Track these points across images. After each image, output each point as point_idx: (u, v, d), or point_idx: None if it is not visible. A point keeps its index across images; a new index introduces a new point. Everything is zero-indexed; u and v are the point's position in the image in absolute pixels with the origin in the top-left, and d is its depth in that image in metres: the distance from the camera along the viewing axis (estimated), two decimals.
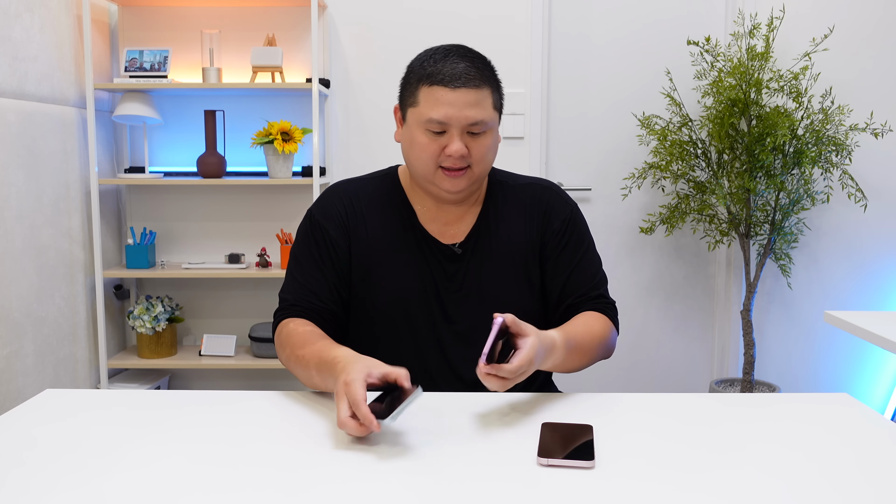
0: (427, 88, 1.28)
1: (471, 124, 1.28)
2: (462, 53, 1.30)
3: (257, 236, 3.19)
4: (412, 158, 1.34)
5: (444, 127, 1.28)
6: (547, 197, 1.43)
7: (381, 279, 1.37)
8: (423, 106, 1.28)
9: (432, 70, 1.28)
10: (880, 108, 3.12)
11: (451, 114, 1.26)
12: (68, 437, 1.03)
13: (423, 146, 1.30)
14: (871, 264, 3.20)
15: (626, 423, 1.12)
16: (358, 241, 1.38)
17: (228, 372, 3.26)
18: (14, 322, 2.41)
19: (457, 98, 1.26)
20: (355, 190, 1.42)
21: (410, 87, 1.31)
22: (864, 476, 0.94)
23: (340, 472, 0.93)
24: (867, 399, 3.26)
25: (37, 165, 2.54)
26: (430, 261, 1.38)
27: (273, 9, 3.09)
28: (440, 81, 1.26)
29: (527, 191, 1.44)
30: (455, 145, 1.27)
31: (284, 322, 1.33)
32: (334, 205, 1.40)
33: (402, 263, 1.37)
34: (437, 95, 1.27)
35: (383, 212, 1.40)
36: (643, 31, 3.20)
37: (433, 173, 1.32)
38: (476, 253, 1.39)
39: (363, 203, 1.40)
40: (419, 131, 1.30)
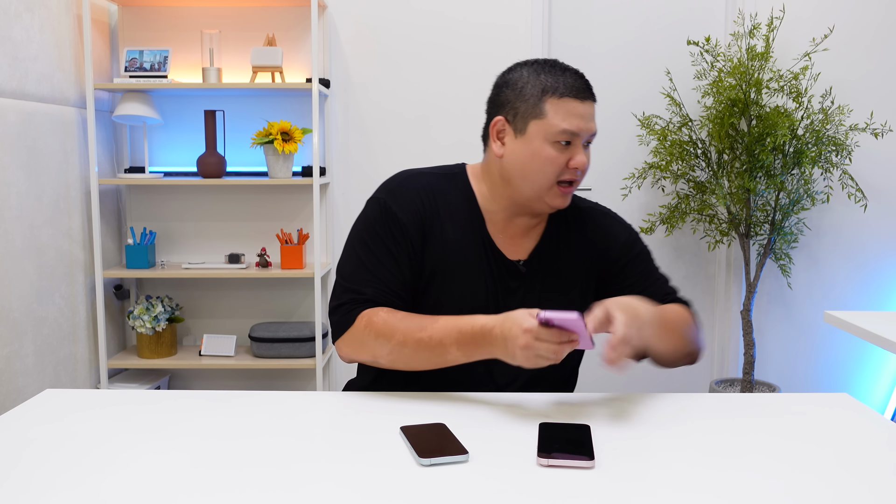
0: (556, 100, 1.27)
1: (592, 135, 1.30)
2: (568, 67, 1.32)
3: (257, 236, 3.19)
4: (531, 172, 1.30)
5: (572, 138, 1.27)
6: (605, 223, 1.45)
7: (447, 286, 1.34)
8: (552, 117, 1.27)
9: (556, 83, 1.28)
10: (880, 108, 3.12)
11: (581, 125, 1.27)
12: (68, 437, 1.03)
13: (551, 159, 1.28)
14: (871, 264, 3.20)
15: (626, 423, 1.12)
16: (433, 241, 1.34)
17: (228, 372, 3.26)
18: (14, 322, 2.41)
19: (585, 110, 1.28)
20: (430, 186, 1.37)
21: (530, 98, 1.29)
22: (864, 476, 0.94)
23: (340, 471, 0.93)
24: (867, 399, 3.26)
25: (37, 165, 2.54)
26: (495, 274, 1.36)
27: (273, 9, 3.09)
28: (570, 93, 1.27)
29: (586, 215, 1.45)
30: (581, 157, 1.28)
31: (370, 312, 1.29)
32: (412, 199, 1.35)
33: (469, 273, 1.35)
34: (568, 107, 1.27)
35: (458, 214, 1.37)
36: (643, 31, 3.20)
37: (549, 189, 1.30)
38: (538, 272, 1.38)
39: (440, 202, 1.36)
40: (545, 144, 1.28)
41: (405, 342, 1.24)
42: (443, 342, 1.21)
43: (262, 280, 3.18)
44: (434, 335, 1.22)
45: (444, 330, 1.22)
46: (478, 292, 1.35)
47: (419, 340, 1.23)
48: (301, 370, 3.22)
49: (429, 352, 1.23)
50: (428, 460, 0.95)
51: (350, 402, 1.21)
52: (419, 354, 1.24)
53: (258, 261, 3.00)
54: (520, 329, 1.11)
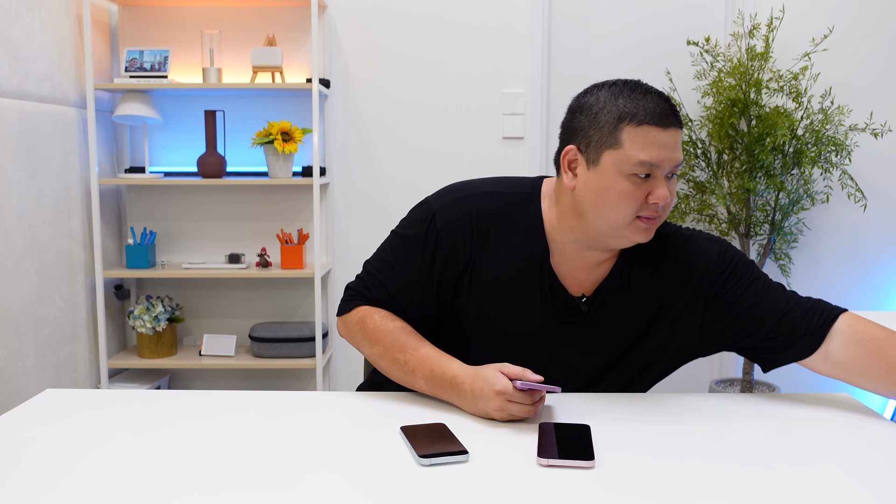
0: (634, 128, 1.14)
1: (675, 166, 1.17)
2: (651, 89, 1.18)
3: (257, 236, 3.19)
4: (606, 208, 1.18)
5: (652, 170, 1.15)
6: (690, 248, 1.30)
7: (495, 311, 1.28)
8: (629, 147, 1.14)
9: (635, 108, 1.15)
10: (880, 108, 3.12)
11: (663, 156, 1.14)
12: (68, 437, 1.04)
13: (628, 193, 1.15)
14: (871, 264, 3.21)
15: (626, 423, 1.12)
16: (480, 267, 1.27)
17: (228, 372, 3.26)
18: (14, 322, 2.41)
19: (668, 139, 1.15)
20: (490, 210, 1.27)
21: (605, 126, 1.16)
22: (864, 476, 0.94)
23: (340, 471, 0.93)
24: (867, 399, 3.26)
25: (37, 165, 2.54)
26: (551, 310, 1.27)
27: (273, 9, 3.09)
28: (650, 121, 1.14)
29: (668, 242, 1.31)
30: (662, 190, 1.15)
31: (367, 311, 1.29)
32: (462, 222, 1.27)
33: (523, 304, 1.27)
34: (648, 136, 1.14)
35: (515, 240, 1.27)
36: (643, 31, 3.20)
37: (628, 224, 1.18)
38: (603, 310, 1.28)
39: (495, 226, 1.27)
40: (620, 177, 1.15)
41: (384, 355, 1.26)
42: (415, 372, 1.22)
43: (262, 280, 3.18)
44: (409, 362, 1.23)
45: (419, 362, 1.22)
46: (527, 327, 1.28)
47: (396, 360, 1.24)
48: (301, 370, 3.22)
49: (401, 374, 1.25)
50: (428, 460, 0.95)
51: (350, 401, 1.21)
52: (392, 371, 1.26)
53: (258, 261, 3.00)
54: (492, 391, 1.11)
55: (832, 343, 1.21)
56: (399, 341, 1.25)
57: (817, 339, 1.22)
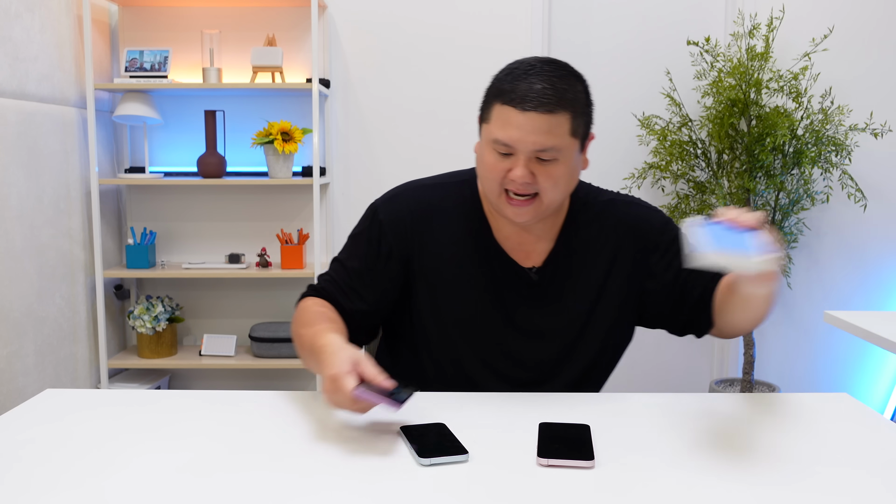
0: (499, 107, 1.20)
1: (538, 150, 1.18)
2: (546, 72, 1.20)
3: (257, 236, 3.19)
4: (481, 175, 1.27)
5: (510, 150, 1.19)
6: (633, 212, 1.35)
7: (448, 296, 1.31)
8: (493, 124, 1.21)
9: (508, 87, 1.19)
10: (880, 108, 3.12)
11: (518, 137, 1.17)
12: (68, 437, 1.04)
13: (490, 166, 1.22)
14: (871, 264, 3.21)
15: (626, 423, 1.12)
16: (424, 255, 1.31)
17: (228, 372, 3.26)
18: (14, 322, 2.41)
19: (525, 121, 1.17)
20: (429, 198, 1.34)
21: (487, 100, 1.24)
22: (864, 476, 0.94)
23: (341, 471, 0.93)
24: (867, 399, 3.26)
25: (37, 165, 2.54)
26: (504, 283, 1.31)
27: (273, 9, 3.09)
28: (511, 101, 1.18)
29: (610, 208, 1.35)
30: (518, 170, 1.19)
31: (305, 300, 1.33)
32: (401, 212, 1.33)
33: (473, 283, 1.30)
34: (506, 116, 1.18)
35: (457, 224, 1.32)
36: (643, 31, 3.20)
37: (498, 196, 1.24)
38: (555, 279, 1.32)
39: (436, 214, 1.32)
40: (488, 149, 1.22)
41: (294, 333, 1.27)
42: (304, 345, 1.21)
43: (262, 280, 3.18)
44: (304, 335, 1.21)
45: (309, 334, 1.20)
46: (480, 303, 1.30)
47: (299, 336, 1.24)
48: (301, 370, 3.22)
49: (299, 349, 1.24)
50: (428, 460, 0.95)
51: None
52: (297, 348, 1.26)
53: (258, 261, 3.00)
54: (328, 372, 1.05)
55: None
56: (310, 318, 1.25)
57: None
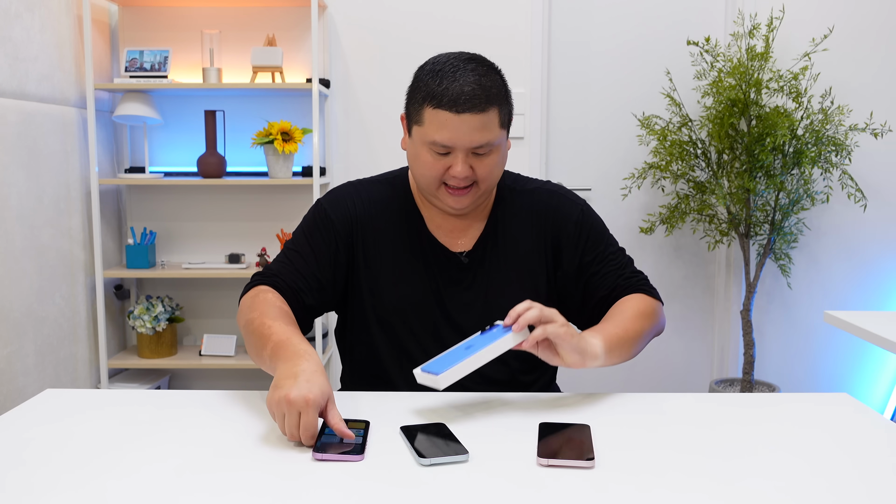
0: (432, 110, 1.24)
1: (476, 147, 1.25)
2: (470, 70, 1.25)
3: (257, 236, 3.19)
4: (416, 173, 1.33)
5: (448, 149, 1.26)
6: (555, 202, 1.42)
7: (387, 284, 1.37)
8: (427, 127, 1.26)
9: (438, 91, 1.23)
10: (880, 108, 3.12)
11: (456, 137, 1.24)
12: (68, 437, 1.04)
13: (429, 165, 1.28)
14: (871, 264, 3.21)
15: (626, 423, 1.12)
16: (365, 244, 1.37)
17: (228, 372, 3.26)
18: (14, 322, 2.41)
19: (461, 123, 1.23)
20: (367, 192, 1.41)
21: (416, 103, 1.28)
22: (864, 476, 0.94)
23: (341, 471, 0.93)
24: (867, 399, 3.26)
25: (37, 165, 2.54)
26: (437, 268, 1.37)
27: (273, 9, 3.09)
28: (445, 105, 1.23)
29: (534, 196, 1.42)
30: (458, 167, 1.26)
31: (262, 288, 1.30)
32: (346, 203, 1.39)
33: (409, 270, 1.37)
34: (441, 119, 1.24)
35: (392, 216, 1.39)
36: (643, 31, 3.20)
37: (437, 190, 1.31)
38: (484, 262, 1.38)
39: (373, 207, 1.39)
40: (423, 149, 1.28)
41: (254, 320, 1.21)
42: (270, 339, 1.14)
43: None
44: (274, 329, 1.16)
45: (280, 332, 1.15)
46: (416, 289, 1.36)
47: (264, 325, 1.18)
48: None
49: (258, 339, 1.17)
50: (428, 460, 0.95)
51: (350, 401, 1.21)
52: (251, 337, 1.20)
53: (258, 261, 3.00)
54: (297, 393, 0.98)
55: None
56: (278, 312, 1.22)
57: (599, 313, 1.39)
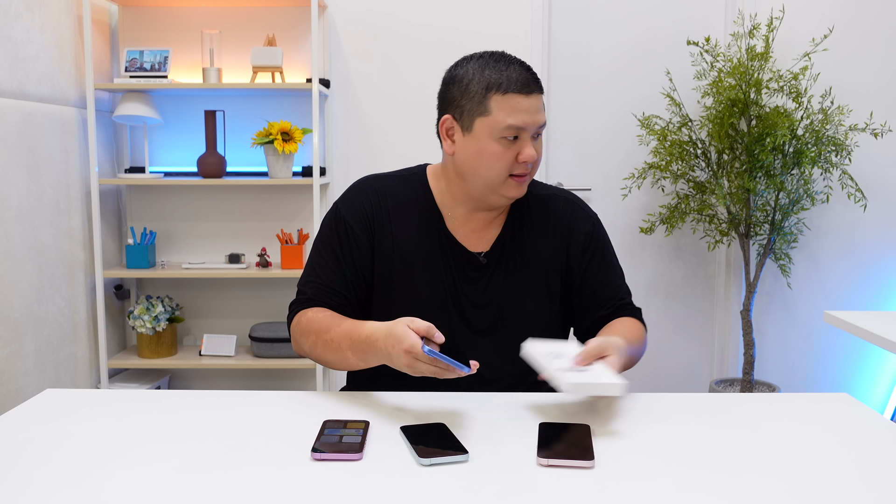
0: (501, 96, 1.27)
1: (539, 127, 1.31)
2: (514, 59, 1.32)
3: (257, 236, 3.19)
4: (481, 169, 1.32)
5: (519, 133, 1.28)
6: (570, 210, 1.45)
7: (404, 280, 1.37)
8: (497, 114, 1.28)
9: (500, 78, 1.28)
10: (880, 108, 3.12)
11: (528, 120, 1.28)
12: (68, 437, 1.04)
13: (498, 155, 1.29)
14: (871, 264, 3.20)
15: (626, 423, 1.12)
16: (383, 239, 1.38)
17: (228, 372, 3.26)
18: (14, 322, 2.41)
19: (531, 104, 1.28)
20: (383, 187, 1.42)
21: (475, 96, 1.29)
22: (864, 476, 0.94)
23: (340, 471, 0.93)
24: (867, 399, 3.26)
25: (37, 165, 2.54)
26: (454, 267, 1.38)
27: (273, 9, 3.09)
28: (514, 89, 1.27)
29: (550, 203, 1.45)
30: (529, 150, 1.29)
31: (302, 313, 1.34)
32: (360, 202, 1.40)
33: (426, 267, 1.38)
34: (513, 103, 1.27)
35: (410, 213, 1.40)
36: (643, 31, 3.20)
37: (502, 182, 1.32)
38: (500, 263, 1.40)
39: (390, 202, 1.40)
40: (491, 141, 1.29)
41: (316, 343, 1.29)
42: (341, 346, 1.24)
43: (262, 280, 3.18)
44: (335, 339, 1.25)
45: (342, 335, 1.24)
46: (434, 286, 1.37)
47: (326, 342, 1.27)
48: (301, 370, 3.22)
49: (333, 353, 1.26)
50: (428, 460, 0.95)
51: (350, 402, 1.21)
52: (328, 356, 1.28)
53: (258, 261, 3.00)
54: (400, 349, 1.09)
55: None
56: (324, 324, 1.28)
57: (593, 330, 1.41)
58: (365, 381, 1.41)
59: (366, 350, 1.19)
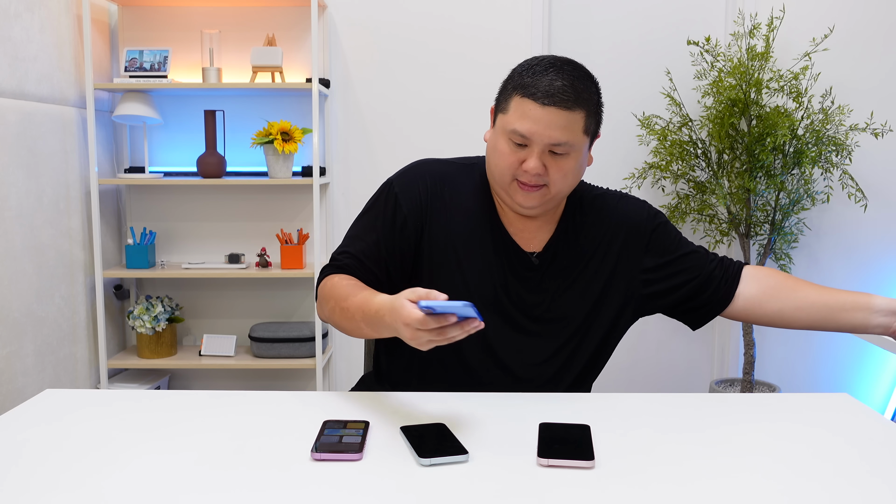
0: (519, 99, 1.25)
1: (553, 144, 1.25)
2: (566, 70, 1.27)
3: (257, 236, 3.19)
4: (491, 163, 1.32)
5: (526, 141, 1.25)
6: (621, 206, 1.43)
7: (453, 271, 1.35)
8: (511, 115, 1.26)
9: (529, 81, 1.25)
10: (880, 108, 3.12)
11: (536, 130, 1.24)
12: (68, 437, 1.03)
13: (503, 155, 1.28)
14: (871, 264, 3.20)
15: (626, 423, 1.12)
16: (435, 227, 1.36)
17: (228, 372, 3.26)
18: (14, 322, 2.41)
19: (544, 116, 1.23)
20: (442, 173, 1.39)
21: (506, 92, 1.29)
22: (864, 476, 0.94)
23: (339, 471, 0.93)
24: (867, 399, 3.26)
25: (37, 165, 2.54)
26: (506, 264, 1.36)
27: (273, 9, 3.09)
28: (532, 95, 1.24)
29: (602, 202, 1.43)
30: (532, 162, 1.25)
31: (329, 277, 1.33)
32: (417, 183, 1.37)
33: (478, 260, 1.35)
34: (525, 108, 1.24)
35: (467, 202, 1.37)
36: (643, 31, 3.20)
37: (509, 184, 1.30)
38: (553, 265, 1.37)
39: (448, 188, 1.38)
40: (503, 139, 1.28)
41: (334, 309, 1.27)
42: (355, 316, 1.21)
43: (262, 280, 3.18)
44: (350, 308, 1.22)
45: (356, 305, 1.21)
46: (484, 282, 1.34)
47: (343, 310, 1.24)
48: (301, 370, 3.22)
49: (348, 322, 1.24)
50: (428, 460, 0.95)
51: (350, 402, 1.21)
52: (344, 324, 1.26)
53: (258, 261, 3.00)
54: (401, 323, 1.05)
55: (743, 285, 1.39)
56: (344, 291, 1.26)
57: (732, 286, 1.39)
58: (405, 374, 1.41)
59: (377, 323, 1.15)
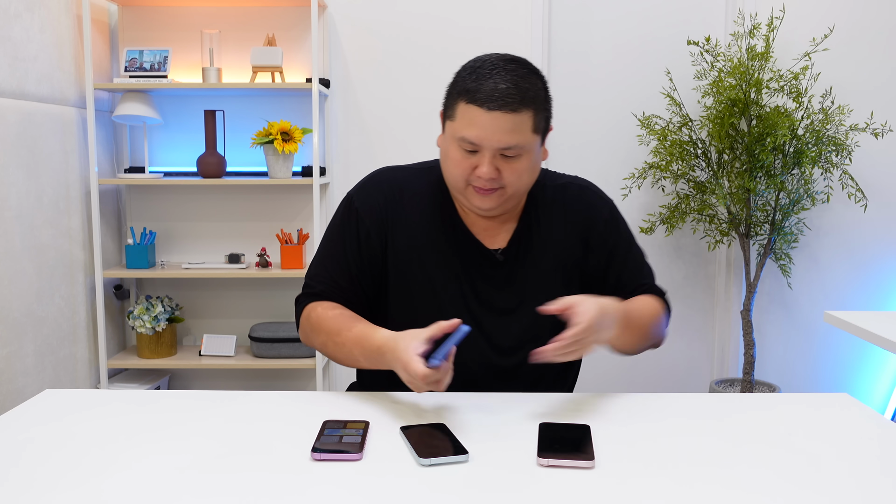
0: (465, 106, 1.23)
1: (503, 148, 1.23)
2: (509, 70, 1.23)
3: (257, 236, 3.19)
4: (445, 170, 1.31)
5: (476, 147, 1.24)
6: (586, 198, 1.43)
7: (420, 276, 1.35)
8: (458, 122, 1.25)
9: (473, 86, 1.22)
10: (880, 108, 3.12)
11: (484, 136, 1.22)
12: (68, 438, 1.03)
13: (456, 161, 1.27)
14: (871, 264, 3.20)
15: (626, 423, 1.12)
16: (397, 234, 1.36)
17: (228, 372, 3.26)
18: (14, 322, 2.41)
19: (491, 121, 1.21)
20: (400, 181, 1.39)
21: (452, 97, 1.27)
22: (864, 476, 0.94)
23: (339, 471, 0.93)
24: (867, 399, 3.26)
25: (37, 165, 2.54)
26: (471, 263, 1.36)
27: (273, 9, 3.08)
28: (477, 101, 1.21)
29: (565, 192, 1.42)
30: (484, 168, 1.24)
31: (311, 307, 1.34)
32: (375, 195, 1.38)
33: (443, 262, 1.35)
34: (471, 115, 1.22)
35: (427, 206, 1.37)
36: (643, 31, 3.20)
37: (464, 189, 1.29)
38: (518, 259, 1.37)
39: (406, 195, 1.37)
40: (454, 145, 1.27)
41: (326, 342, 1.30)
42: (353, 351, 1.25)
43: (262, 280, 3.18)
44: (346, 343, 1.25)
45: (353, 339, 1.24)
46: (449, 283, 1.35)
47: (337, 344, 1.27)
48: (301, 370, 3.22)
49: (343, 355, 1.27)
50: (428, 460, 0.95)
51: (350, 402, 1.21)
52: (338, 355, 1.29)
53: (258, 261, 3.00)
54: (402, 368, 1.11)
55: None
56: (336, 325, 1.28)
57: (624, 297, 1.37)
58: (370, 382, 1.41)
59: (377, 359, 1.19)
